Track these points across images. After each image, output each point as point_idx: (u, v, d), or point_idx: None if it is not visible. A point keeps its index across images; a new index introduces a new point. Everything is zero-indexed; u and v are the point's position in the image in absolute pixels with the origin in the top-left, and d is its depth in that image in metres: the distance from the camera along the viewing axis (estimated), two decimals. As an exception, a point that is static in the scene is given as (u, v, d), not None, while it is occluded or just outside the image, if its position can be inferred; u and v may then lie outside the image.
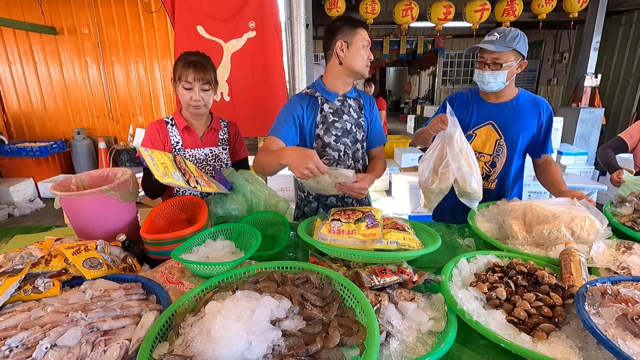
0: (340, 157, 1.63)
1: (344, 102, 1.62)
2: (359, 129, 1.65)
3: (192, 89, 1.51)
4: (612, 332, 0.77)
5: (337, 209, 1.34)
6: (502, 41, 1.58)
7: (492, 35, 1.63)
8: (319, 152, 1.61)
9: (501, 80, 1.64)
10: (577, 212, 1.35)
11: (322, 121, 1.58)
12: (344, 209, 1.32)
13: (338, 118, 1.59)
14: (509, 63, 1.60)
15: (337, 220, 1.21)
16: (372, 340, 0.70)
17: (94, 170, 1.49)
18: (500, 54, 1.58)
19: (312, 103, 1.59)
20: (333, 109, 1.59)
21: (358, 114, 1.65)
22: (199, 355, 0.69)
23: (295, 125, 1.56)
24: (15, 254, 1.02)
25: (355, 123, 1.64)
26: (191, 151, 1.63)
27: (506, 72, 1.62)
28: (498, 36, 1.60)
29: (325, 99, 1.58)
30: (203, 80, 1.51)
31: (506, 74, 1.62)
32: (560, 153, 4.36)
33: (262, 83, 2.73)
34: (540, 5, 4.93)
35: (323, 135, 1.59)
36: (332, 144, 1.60)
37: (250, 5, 2.59)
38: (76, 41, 5.77)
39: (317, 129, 1.59)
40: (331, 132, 1.59)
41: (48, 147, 5.59)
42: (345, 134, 1.61)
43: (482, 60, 1.65)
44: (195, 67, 1.49)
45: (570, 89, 5.63)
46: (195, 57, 1.53)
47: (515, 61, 1.61)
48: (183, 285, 1.01)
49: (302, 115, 1.56)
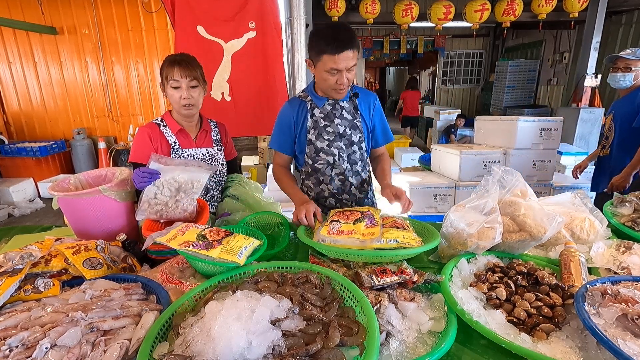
0: (335, 161, 1.62)
1: (335, 106, 1.60)
2: (354, 130, 1.63)
3: (180, 87, 1.50)
4: (612, 332, 0.77)
5: (336, 210, 1.34)
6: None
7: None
8: (312, 157, 1.62)
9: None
10: (577, 212, 1.35)
11: (314, 126, 1.58)
12: (343, 210, 1.32)
13: (329, 122, 1.58)
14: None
15: (336, 221, 1.21)
16: (372, 340, 0.70)
17: (93, 170, 1.49)
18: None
19: (302, 108, 1.59)
20: (324, 114, 1.58)
21: (353, 115, 1.63)
22: (199, 355, 0.69)
23: (290, 134, 1.63)
24: (15, 254, 1.02)
25: (350, 125, 1.62)
26: (189, 151, 1.63)
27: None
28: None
29: (315, 104, 1.58)
30: (190, 77, 1.50)
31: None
32: (560, 153, 4.36)
33: (262, 83, 2.73)
34: (540, 5, 4.94)
35: (315, 141, 1.59)
36: (325, 149, 1.60)
37: (251, 6, 2.59)
38: (76, 41, 5.76)
39: (309, 134, 1.59)
40: (323, 137, 1.59)
41: (48, 147, 5.59)
42: (338, 137, 1.60)
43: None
44: (180, 65, 1.49)
45: (570, 89, 5.63)
46: (179, 57, 1.53)
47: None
48: (183, 285, 1.01)
49: (293, 122, 1.60)
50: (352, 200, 1.72)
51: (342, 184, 1.67)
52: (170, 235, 1.04)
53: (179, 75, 1.49)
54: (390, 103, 16.81)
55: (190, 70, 1.50)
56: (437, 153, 4.13)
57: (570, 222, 1.32)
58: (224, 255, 0.98)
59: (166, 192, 1.31)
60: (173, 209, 1.31)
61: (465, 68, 9.56)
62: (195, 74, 1.51)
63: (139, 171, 1.28)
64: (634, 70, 2.37)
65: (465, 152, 3.61)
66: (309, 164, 1.65)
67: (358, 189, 1.72)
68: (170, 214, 1.31)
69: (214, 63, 2.60)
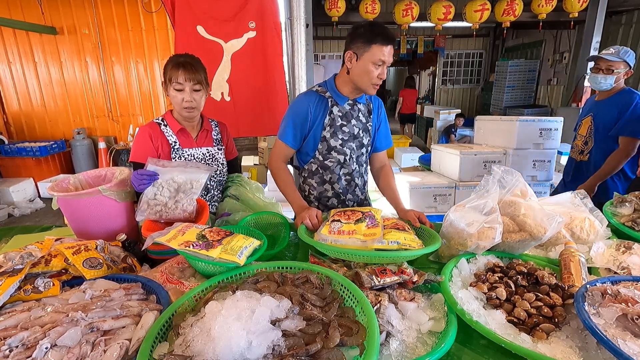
0: (345, 160, 1.62)
1: (354, 107, 1.60)
2: (365, 133, 1.64)
3: (183, 89, 1.49)
4: (612, 332, 0.77)
5: (337, 210, 1.34)
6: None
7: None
8: (323, 154, 1.61)
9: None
10: (577, 212, 1.35)
11: (330, 124, 1.57)
12: (344, 209, 1.32)
13: (346, 122, 1.58)
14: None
15: (337, 221, 1.21)
16: (372, 340, 0.70)
17: (92, 170, 1.48)
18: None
19: (321, 103, 1.56)
20: (342, 113, 1.58)
21: (366, 118, 1.63)
22: (199, 355, 0.69)
23: (301, 128, 1.57)
24: (15, 254, 1.02)
25: (363, 128, 1.62)
26: (189, 150, 1.63)
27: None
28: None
29: (335, 102, 1.56)
30: (194, 81, 1.49)
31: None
32: (560, 153, 4.36)
33: (262, 83, 2.73)
34: (540, 5, 4.93)
35: (330, 139, 1.58)
36: (337, 148, 1.59)
37: (251, 6, 2.59)
38: (76, 41, 5.76)
39: (324, 131, 1.57)
40: (338, 135, 1.58)
41: (48, 147, 5.59)
42: (351, 138, 1.60)
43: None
44: (185, 68, 1.48)
45: (570, 89, 5.63)
46: (184, 58, 1.51)
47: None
48: (183, 285, 1.01)
49: (308, 116, 1.55)
50: (354, 201, 1.73)
51: (348, 184, 1.68)
52: (170, 235, 1.04)
53: (183, 79, 1.48)
54: (390, 103, 16.80)
55: (195, 74, 1.49)
56: (437, 153, 4.13)
57: (570, 222, 1.32)
58: (224, 255, 0.98)
59: (165, 193, 1.31)
60: (173, 209, 1.31)
61: (465, 68, 9.56)
62: (199, 78, 1.51)
63: (137, 173, 1.28)
64: (616, 72, 2.17)
65: (465, 152, 3.61)
66: (318, 160, 1.63)
67: (360, 190, 1.73)
68: (170, 214, 1.31)
69: (213, 63, 2.60)
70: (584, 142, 2.45)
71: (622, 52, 2.19)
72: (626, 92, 2.24)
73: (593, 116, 2.38)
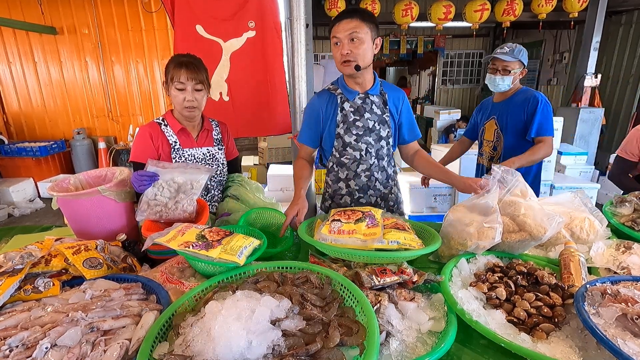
0: (362, 156, 1.62)
1: (366, 100, 1.59)
2: (383, 125, 1.61)
3: (185, 89, 1.50)
4: (612, 332, 0.77)
5: (337, 210, 1.34)
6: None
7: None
8: (339, 150, 1.63)
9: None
10: (576, 212, 1.35)
11: (343, 120, 1.58)
12: (344, 209, 1.32)
13: (359, 116, 1.58)
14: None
15: (337, 220, 1.21)
16: (372, 340, 0.70)
17: (92, 170, 1.48)
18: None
19: (332, 101, 1.59)
20: (354, 107, 1.58)
21: (382, 109, 1.61)
22: (199, 355, 0.69)
23: (315, 126, 1.64)
24: (15, 254, 1.02)
25: (379, 120, 1.60)
26: (189, 150, 1.63)
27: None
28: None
29: (346, 98, 1.58)
30: (196, 80, 1.50)
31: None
32: (560, 153, 4.36)
33: (261, 83, 2.73)
34: (540, 5, 4.93)
35: (344, 135, 1.59)
36: (352, 144, 1.60)
37: (250, 5, 2.58)
38: (76, 41, 5.76)
39: (338, 128, 1.59)
40: (352, 131, 1.58)
41: (48, 147, 5.59)
42: (367, 132, 1.59)
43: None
44: (187, 67, 1.48)
45: (570, 89, 5.63)
46: (186, 58, 1.52)
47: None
48: (183, 285, 1.01)
49: (322, 115, 1.60)
50: (377, 195, 1.71)
51: (368, 179, 1.67)
52: (169, 235, 1.04)
53: (185, 78, 1.48)
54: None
55: (197, 74, 1.50)
56: (437, 153, 4.13)
57: (570, 222, 1.32)
58: (223, 256, 0.98)
59: (166, 193, 1.31)
60: (173, 209, 1.31)
61: (465, 68, 9.54)
62: (201, 77, 1.51)
63: (137, 174, 1.28)
64: (512, 72, 2.10)
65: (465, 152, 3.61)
66: (335, 157, 1.65)
67: (383, 184, 1.71)
68: (170, 214, 1.31)
69: (212, 62, 2.59)
70: (492, 147, 2.31)
71: (516, 51, 2.10)
72: (526, 92, 2.17)
73: (497, 119, 2.26)
